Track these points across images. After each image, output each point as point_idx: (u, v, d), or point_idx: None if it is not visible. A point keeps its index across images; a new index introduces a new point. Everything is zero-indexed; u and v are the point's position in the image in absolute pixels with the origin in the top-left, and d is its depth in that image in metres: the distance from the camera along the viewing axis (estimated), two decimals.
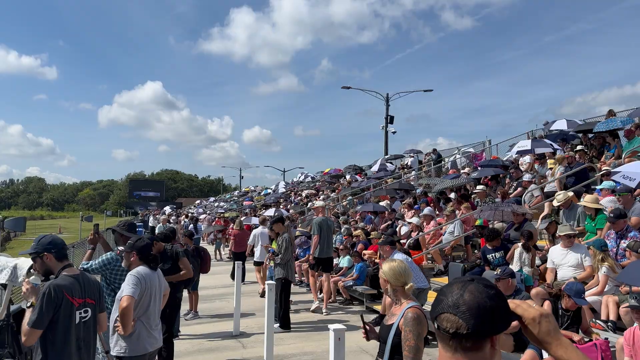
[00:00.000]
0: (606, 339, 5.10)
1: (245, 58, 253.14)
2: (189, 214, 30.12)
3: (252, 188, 49.46)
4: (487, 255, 8.18)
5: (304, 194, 27.26)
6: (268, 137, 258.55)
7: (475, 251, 10.40)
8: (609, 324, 5.58)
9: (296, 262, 12.85)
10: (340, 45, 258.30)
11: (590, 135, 13.61)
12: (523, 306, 1.42)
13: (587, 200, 8.16)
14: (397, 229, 12.45)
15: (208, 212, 34.86)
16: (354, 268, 10.80)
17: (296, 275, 13.04)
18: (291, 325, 8.50)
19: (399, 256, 7.71)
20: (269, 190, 38.21)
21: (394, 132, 32.12)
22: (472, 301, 1.33)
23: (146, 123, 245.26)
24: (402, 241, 10.83)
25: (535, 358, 4.93)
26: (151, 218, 31.40)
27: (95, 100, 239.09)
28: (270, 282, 6.46)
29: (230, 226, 19.97)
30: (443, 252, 10.91)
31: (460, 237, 10.62)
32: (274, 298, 6.25)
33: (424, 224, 11.85)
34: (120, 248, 4.90)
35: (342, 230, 13.81)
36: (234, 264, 14.27)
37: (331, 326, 3.98)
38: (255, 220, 17.61)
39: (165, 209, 37.26)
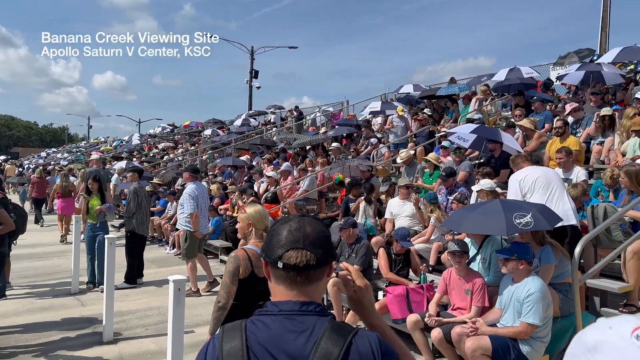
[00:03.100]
0: (432, 281, 5.72)
1: None
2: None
3: (103, 139, 45.71)
4: (349, 204, 8.57)
5: (160, 147, 25.94)
6: (123, 84, 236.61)
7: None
8: (429, 268, 6.26)
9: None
10: None
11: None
12: (355, 272, 1.51)
13: (430, 156, 8.96)
14: (255, 183, 12.48)
15: (53, 163, 31.46)
16: (209, 222, 10.61)
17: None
18: (142, 281, 8.20)
19: (192, 186, 7.50)
20: (121, 142, 35.61)
21: (258, 87, 31.81)
22: (315, 232, 1.38)
23: None
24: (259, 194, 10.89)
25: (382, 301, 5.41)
26: None
27: None
28: (111, 236, 6.02)
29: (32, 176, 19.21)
30: (298, 205, 11.22)
31: (312, 190, 10.97)
32: (114, 252, 5.84)
33: (282, 178, 12.05)
34: None
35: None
36: (36, 210, 15.50)
37: (171, 277, 3.85)
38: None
39: None
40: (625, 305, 4.95)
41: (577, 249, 4.25)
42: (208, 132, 25.01)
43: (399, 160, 9.78)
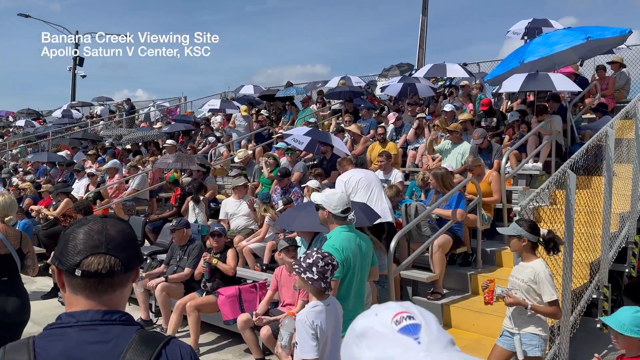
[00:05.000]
0: (265, 279, 5.78)
1: None
2: None
3: None
4: None
5: None
6: None
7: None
8: (264, 266, 6.35)
9: None
10: None
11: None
12: None
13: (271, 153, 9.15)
14: (76, 181, 11.34)
15: None
16: (16, 225, 9.31)
17: None
18: None
19: None
20: None
21: (83, 76, 28.84)
22: (119, 234, 1.26)
23: None
24: (78, 193, 9.92)
25: (208, 298, 5.30)
26: None
27: None
28: None
29: None
30: (127, 206, 10.47)
31: (143, 190, 10.36)
32: None
33: (108, 177, 11.14)
34: None
35: (13, 182, 12.00)
36: None
37: None
38: None
39: None
40: (432, 292, 5.59)
41: (392, 243, 4.68)
42: (21, 123, 22.05)
43: (236, 160, 9.75)
